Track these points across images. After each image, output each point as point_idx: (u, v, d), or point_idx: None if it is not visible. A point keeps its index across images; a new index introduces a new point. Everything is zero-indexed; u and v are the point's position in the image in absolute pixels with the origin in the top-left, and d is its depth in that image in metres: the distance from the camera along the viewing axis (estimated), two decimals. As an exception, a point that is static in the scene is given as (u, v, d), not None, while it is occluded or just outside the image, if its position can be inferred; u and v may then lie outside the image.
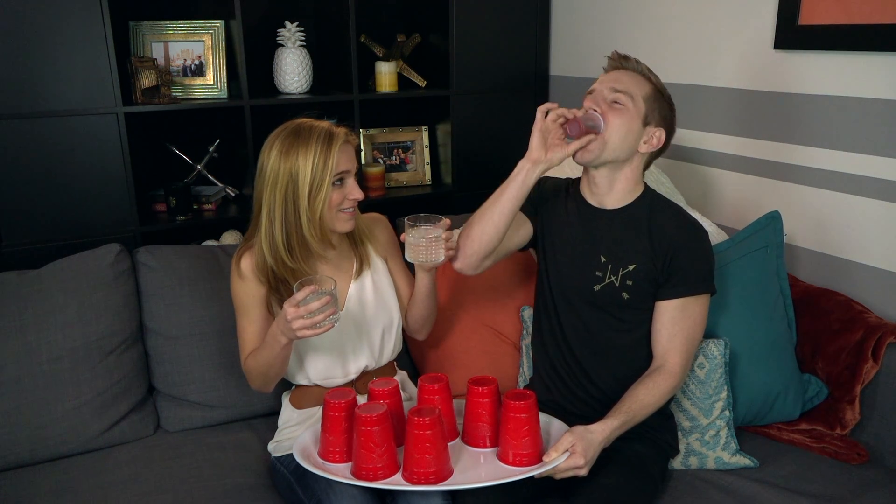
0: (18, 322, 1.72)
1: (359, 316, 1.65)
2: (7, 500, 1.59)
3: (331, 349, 1.63)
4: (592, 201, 1.65)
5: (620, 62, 1.61)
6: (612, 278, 1.59)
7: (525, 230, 1.71)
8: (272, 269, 1.57)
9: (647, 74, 1.59)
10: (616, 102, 1.55)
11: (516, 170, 1.56)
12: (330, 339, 1.61)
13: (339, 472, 1.42)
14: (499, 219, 1.57)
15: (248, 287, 1.60)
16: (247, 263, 1.60)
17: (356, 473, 1.40)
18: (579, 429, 1.45)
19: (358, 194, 1.57)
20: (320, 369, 1.65)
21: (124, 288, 1.85)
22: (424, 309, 1.70)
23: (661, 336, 1.58)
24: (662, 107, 1.59)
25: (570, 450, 1.41)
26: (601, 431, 1.46)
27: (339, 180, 1.55)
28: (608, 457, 1.54)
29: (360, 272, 1.67)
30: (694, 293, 1.57)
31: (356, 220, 1.64)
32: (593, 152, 1.56)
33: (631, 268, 1.58)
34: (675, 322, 1.57)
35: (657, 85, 1.59)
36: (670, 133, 1.62)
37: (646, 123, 1.57)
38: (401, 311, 1.74)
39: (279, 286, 1.58)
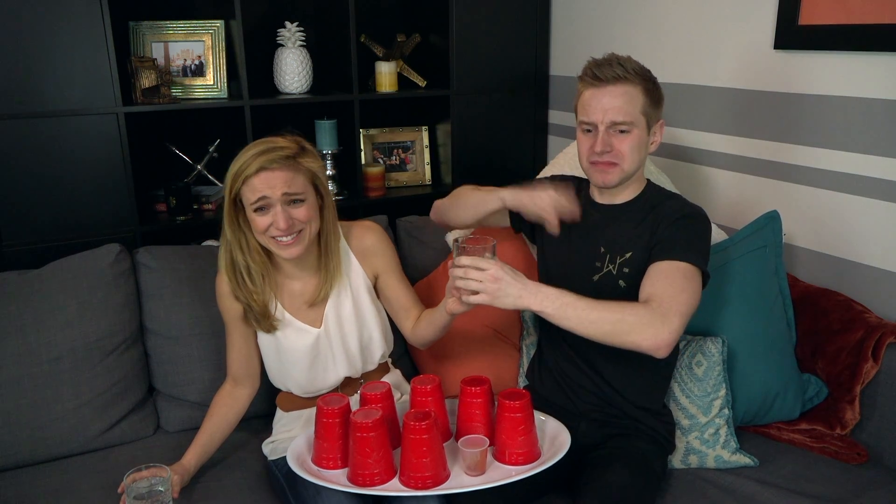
0: (18, 322, 1.72)
1: (336, 334, 1.64)
2: (7, 500, 1.59)
3: (309, 367, 1.64)
4: (602, 200, 1.67)
5: (600, 75, 1.53)
6: (610, 267, 1.60)
7: (498, 222, 1.82)
8: (233, 290, 1.59)
9: (631, 77, 1.53)
10: (622, 132, 1.55)
11: (492, 197, 1.70)
12: (306, 359, 1.63)
13: (335, 479, 1.42)
14: (460, 219, 1.79)
15: (224, 303, 1.63)
16: (224, 280, 1.61)
17: (353, 479, 1.40)
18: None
19: (280, 222, 1.47)
20: (301, 384, 1.66)
21: (124, 288, 1.85)
22: (431, 335, 1.69)
23: (646, 284, 1.47)
24: (656, 99, 1.59)
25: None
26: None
27: (262, 207, 1.49)
28: (612, 455, 1.55)
29: (322, 297, 1.63)
30: (683, 259, 1.48)
31: (325, 244, 1.60)
32: (615, 178, 1.58)
33: (628, 255, 1.59)
34: (658, 276, 1.47)
35: (644, 81, 1.55)
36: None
37: (649, 128, 1.59)
38: (398, 321, 1.73)
39: (245, 309, 1.61)
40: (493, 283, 1.38)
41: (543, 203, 1.61)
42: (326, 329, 1.64)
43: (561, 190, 1.62)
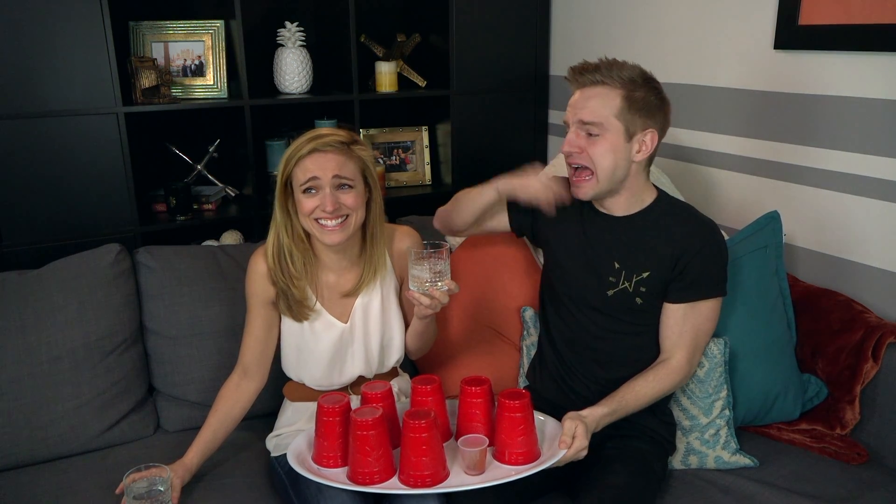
0: (18, 322, 1.72)
1: (360, 330, 1.65)
2: (7, 500, 1.59)
3: (329, 360, 1.64)
4: (602, 209, 1.65)
5: (577, 80, 1.55)
6: (626, 284, 1.60)
7: (498, 222, 1.79)
8: (271, 269, 1.59)
9: (611, 81, 1.50)
10: (590, 134, 1.53)
11: (487, 188, 1.68)
12: (328, 352, 1.63)
13: (334, 477, 1.42)
14: (462, 220, 1.75)
15: (255, 285, 1.63)
16: (260, 261, 1.62)
17: (352, 477, 1.40)
18: (573, 414, 1.47)
19: (326, 205, 1.50)
20: (316, 377, 1.66)
21: (124, 288, 1.85)
22: (412, 345, 1.72)
23: (672, 332, 1.60)
24: (642, 107, 1.51)
25: (574, 434, 1.43)
26: (591, 416, 1.48)
27: (311, 188, 1.52)
28: (612, 455, 1.55)
29: (360, 289, 1.64)
30: (704, 297, 1.59)
31: (370, 235, 1.62)
32: (589, 191, 1.57)
33: (645, 275, 1.59)
34: (685, 320, 1.59)
35: (627, 87, 1.50)
36: (665, 121, 1.58)
37: (630, 136, 1.53)
38: (405, 330, 1.74)
39: (280, 290, 1.61)
40: (580, 448, 1.43)
41: (534, 189, 1.61)
42: (352, 324, 1.64)
43: (552, 177, 1.63)
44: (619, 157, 1.53)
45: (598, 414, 1.49)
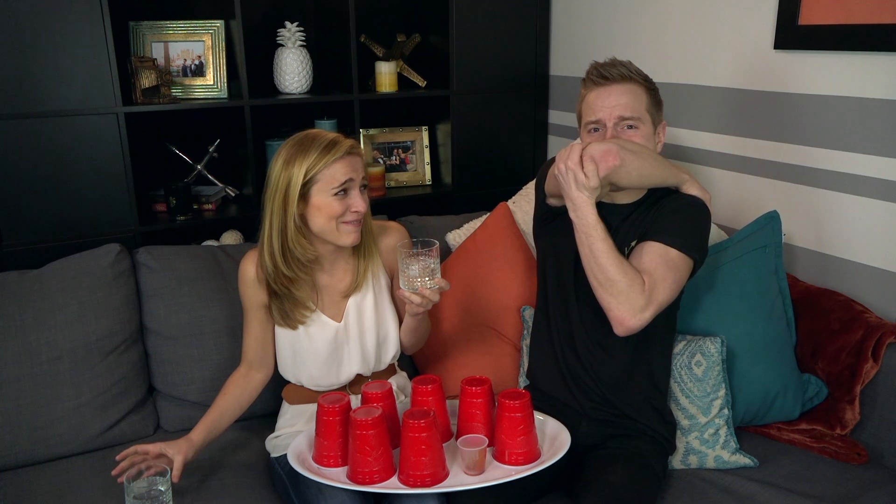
0: (18, 322, 1.73)
1: (355, 328, 1.66)
2: (7, 500, 1.59)
3: (326, 359, 1.65)
4: (608, 199, 1.66)
5: (606, 75, 1.58)
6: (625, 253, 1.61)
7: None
8: (272, 275, 1.58)
9: (635, 77, 1.59)
10: (630, 128, 1.58)
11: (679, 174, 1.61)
12: (324, 352, 1.64)
13: (334, 477, 1.42)
14: (643, 177, 1.55)
15: (247, 290, 1.64)
16: (249, 267, 1.62)
17: (352, 477, 1.41)
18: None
19: (360, 205, 1.54)
20: (313, 376, 1.67)
21: (124, 288, 1.85)
22: (406, 341, 1.73)
23: (638, 261, 1.51)
24: (658, 101, 1.64)
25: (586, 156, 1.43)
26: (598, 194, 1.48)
27: (343, 190, 1.53)
28: (612, 455, 1.55)
29: (358, 286, 1.66)
30: (671, 245, 1.51)
31: (365, 233, 1.63)
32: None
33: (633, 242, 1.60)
34: (651, 259, 1.50)
35: (646, 82, 1.61)
36: None
37: (655, 126, 1.62)
38: (399, 325, 1.74)
39: (275, 296, 1.61)
40: (609, 155, 1.42)
41: None
42: (346, 323, 1.65)
43: None
44: (650, 146, 1.60)
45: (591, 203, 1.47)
